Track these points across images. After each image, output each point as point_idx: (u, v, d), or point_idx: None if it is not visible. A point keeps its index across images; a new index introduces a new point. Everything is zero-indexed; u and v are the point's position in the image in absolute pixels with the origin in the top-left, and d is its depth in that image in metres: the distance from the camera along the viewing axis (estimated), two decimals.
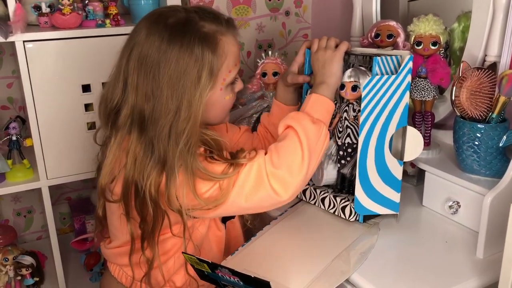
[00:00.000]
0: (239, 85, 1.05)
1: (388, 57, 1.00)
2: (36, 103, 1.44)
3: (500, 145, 0.99)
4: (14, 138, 1.51)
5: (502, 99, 0.98)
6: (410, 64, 0.98)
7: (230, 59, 0.97)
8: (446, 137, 1.21)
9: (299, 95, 1.18)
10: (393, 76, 0.97)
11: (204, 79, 0.92)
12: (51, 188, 1.55)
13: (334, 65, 1.03)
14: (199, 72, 0.92)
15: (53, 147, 1.47)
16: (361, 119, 0.98)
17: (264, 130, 1.23)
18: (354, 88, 1.03)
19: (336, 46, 1.07)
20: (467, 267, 0.93)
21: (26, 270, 1.63)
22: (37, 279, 1.67)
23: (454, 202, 1.06)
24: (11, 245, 1.72)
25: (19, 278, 1.66)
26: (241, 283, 0.84)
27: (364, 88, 0.96)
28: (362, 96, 0.97)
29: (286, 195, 0.92)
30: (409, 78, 0.99)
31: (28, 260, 1.62)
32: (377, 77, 0.96)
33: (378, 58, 0.98)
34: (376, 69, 0.98)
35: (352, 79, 1.03)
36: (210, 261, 0.86)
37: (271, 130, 1.22)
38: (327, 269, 0.92)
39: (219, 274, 0.87)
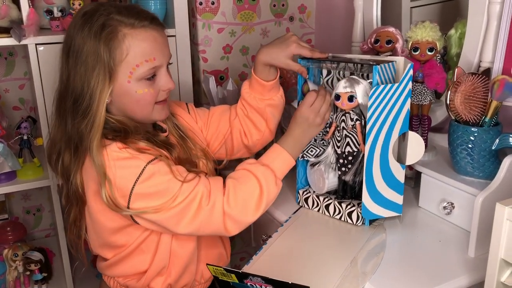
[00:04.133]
0: (163, 83, 1.04)
1: (386, 64, 1.02)
2: (47, 103, 1.49)
3: (493, 148, 1.02)
4: (25, 137, 1.56)
5: (494, 103, 1.01)
6: (411, 72, 1.02)
7: (137, 52, 0.98)
8: (443, 140, 1.23)
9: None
10: (396, 85, 1.00)
11: (99, 69, 0.97)
12: (59, 187, 1.60)
13: (314, 130, 1.09)
14: (95, 61, 0.97)
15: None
16: (367, 128, 1.00)
17: (244, 109, 1.22)
18: (350, 98, 1.05)
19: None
20: (459, 265, 0.96)
21: (35, 266, 1.68)
22: (45, 274, 1.71)
23: (448, 203, 1.09)
24: (21, 241, 1.77)
25: (28, 273, 1.71)
26: None
27: (370, 98, 0.98)
28: (368, 106, 0.99)
29: (236, 231, 1.02)
30: (410, 85, 1.02)
31: (37, 256, 1.67)
32: (382, 86, 0.98)
33: (378, 66, 1.00)
34: (376, 77, 1.00)
35: (348, 90, 1.05)
36: (240, 271, 0.85)
37: (251, 115, 1.21)
38: (349, 272, 0.94)
39: (248, 283, 0.84)
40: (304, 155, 1.15)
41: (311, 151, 1.14)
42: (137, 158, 0.98)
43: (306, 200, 1.18)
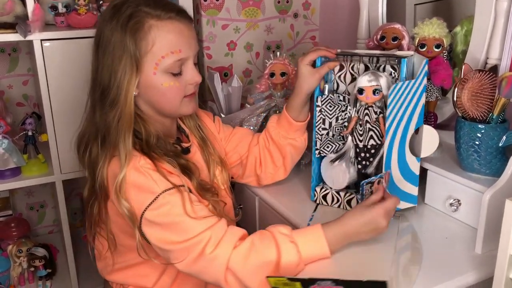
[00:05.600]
0: (190, 77, 1.03)
1: (410, 58, 1.04)
2: (52, 100, 1.49)
3: (500, 145, 1.02)
4: (30, 133, 1.56)
5: (501, 100, 1.01)
6: (426, 68, 1.03)
7: (163, 44, 0.98)
8: (449, 137, 1.23)
9: (311, 108, 1.18)
10: (413, 81, 1.01)
11: (125, 59, 0.97)
12: (63, 184, 1.60)
13: (373, 235, 0.95)
14: (122, 51, 0.97)
15: (67, 143, 1.51)
16: (387, 123, 1.01)
17: (266, 141, 1.22)
18: (375, 91, 1.05)
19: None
20: (466, 261, 0.97)
21: (39, 262, 1.68)
22: (50, 270, 1.71)
23: (454, 200, 1.09)
24: (25, 238, 1.77)
25: (32, 269, 1.71)
26: None
27: (390, 94, 0.99)
28: (388, 102, 1.00)
29: None
30: (425, 81, 1.04)
31: (41, 252, 1.67)
32: (400, 83, 0.99)
33: (406, 59, 1.01)
34: (404, 70, 1.01)
35: (373, 83, 1.05)
36: (306, 278, 0.79)
37: (271, 149, 1.21)
38: (398, 259, 0.94)
39: None
40: (321, 152, 1.15)
41: (327, 147, 1.14)
42: (154, 183, 0.95)
43: (324, 197, 1.17)
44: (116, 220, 1.03)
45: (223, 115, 1.53)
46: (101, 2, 1.60)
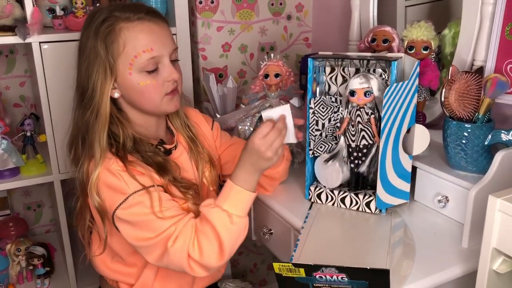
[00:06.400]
0: (167, 74, 1.06)
1: (400, 60, 1.08)
2: (50, 101, 1.51)
3: (486, 143, 1.06)
4: (28, 134, 1.58)
5: (487, 100, 1.05)
6: (418, 69, 1.07)
7: (134, 44, 1.02)
8: (437, 136, 1.26)
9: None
10: (406, 82, 1.05)
11: (98, 63, 1.03)
12: (61, 183, 1.62)
13: (265, 162, 1.01)
14: (94, 56, 1.03)
15: (65, 143, 1.53)
16: (382, 123, 1.05)
17: None
18: (366, 93, 1.09)
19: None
20: (453, 255, 1.01)
21: (38, 260, 1.70)
22: (48, 269, 1.73)
23: (443, 196, 1.13)
24: (23, 237, 1.79)
25: (30, 268, 1.73)
26: (346, 279, 0.81)
27: (385, 96, 1.03)
28: (384, 103, 1.03)
29: (203, 274, 1.00)
30: (417, 82, 1.08)
31: (40, 250, 1.69)
32: (394, 85, 1.03)
33: (396, 62, 1.05)
34: (394, 72, 1.06)
35: (365, 86, 1.09)
36: (312, 264, 0.83)
37: None
38: (393, 251, 0.99)
39: (317, 276, 0.83)
40: (315, 152, 1.18)
41: (320, 147, 1.17)
42: (125, 184, 1.01)
43: (318, 195, 1.20)
44: (96, 216, 1.09)
45: (218, 116, 1.56)
46: (98, 4, 1.62)
